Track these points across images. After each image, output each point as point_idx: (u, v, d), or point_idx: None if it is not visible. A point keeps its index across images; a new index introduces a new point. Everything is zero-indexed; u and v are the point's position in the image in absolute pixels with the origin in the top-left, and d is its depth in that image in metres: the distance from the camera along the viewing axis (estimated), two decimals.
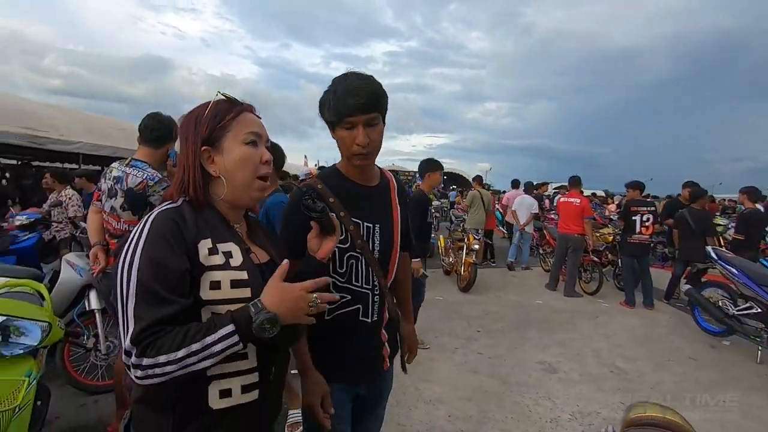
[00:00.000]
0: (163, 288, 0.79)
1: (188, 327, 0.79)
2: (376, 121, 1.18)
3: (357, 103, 1.14)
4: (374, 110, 1.17)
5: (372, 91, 1.16)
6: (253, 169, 0.94)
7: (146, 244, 0.81)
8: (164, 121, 2.22)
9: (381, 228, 1.32)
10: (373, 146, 1.21)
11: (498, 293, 6.19)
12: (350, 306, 1.30)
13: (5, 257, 3.71)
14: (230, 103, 0.96)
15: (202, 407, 0.86)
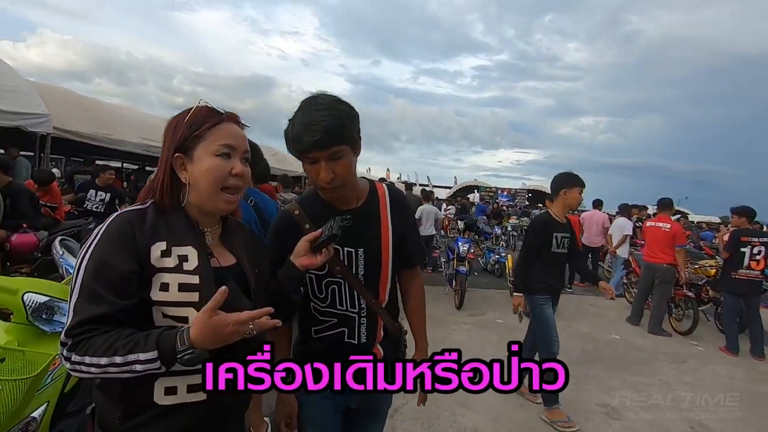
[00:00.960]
0: (103, 287, 0.83)
1: (120, 334, 0.81)
2: (338, 154, 1.13)
3: (312, 141, 1.09)
4: (335, 144, 1.11)
5: (328, 125, 1.09)
6: (218, 180, 0.95)
7: (97, 244, 0.86)
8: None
9: (365, 251, 1.28)
10: (340, 180, 1.16)
11: (567, 322, 5.66)
12: (335, 329, 1.30)
13: None
14: (210, 112, 0.97)
15: (148, 402, 0.89)
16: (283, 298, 1.10)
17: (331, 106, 1.12)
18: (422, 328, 1.51)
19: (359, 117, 1.18)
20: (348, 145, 1.14)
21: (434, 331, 4.79)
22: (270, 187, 3.60)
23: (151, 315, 0.89)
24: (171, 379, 0.89)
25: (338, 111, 1.11)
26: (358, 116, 1.17)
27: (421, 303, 1.52)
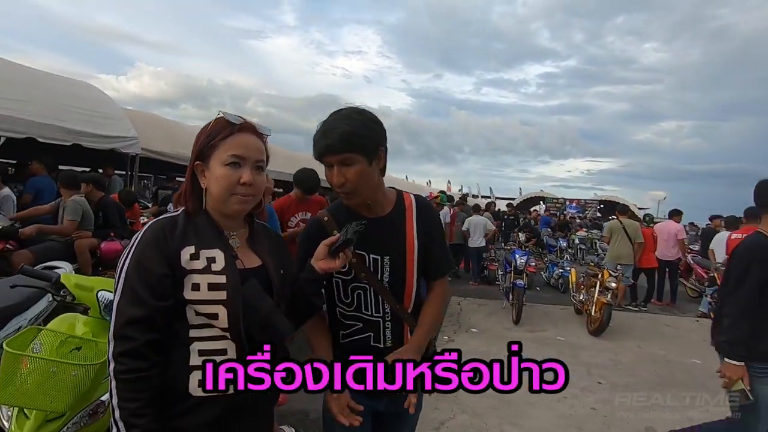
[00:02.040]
0: (142, 288, 0.93)
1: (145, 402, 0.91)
2: (350, 161, 1.17)
3: (326, 144, 1.16)
4: (346, 151, 1.15)
5: (344, 132, 1.14)
6: (228, 188, 1.01)
7: (135, 249, 0.96)
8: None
9: (391, 259, 1.30)
10: (351, 186, 1.19)
11: (638, 342, 5.20)
12: (361, 333, 1.33)
13: None
14: (225, 124, 1.03)
15: (183, 393, 0.96)
16: (303, 300, 1.15)
17: (350, 116, 1.18)
18: (427, 330, 1.37)
19: (382, 129, 1.23)
20: (361, 154, 1.17)
21: (488, 346, 4.67)
22: (320, 199, 3.77)
23: (185, 313, 0.98)
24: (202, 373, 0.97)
25: (355, 120, 1.17)
26: (380, 129, 1.22)
27: (436, 308, 1.43)
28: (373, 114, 1.23)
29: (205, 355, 0.98)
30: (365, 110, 1.22)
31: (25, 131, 4.79)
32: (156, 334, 0.95)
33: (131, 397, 0.90)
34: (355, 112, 1.20)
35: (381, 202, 1.33)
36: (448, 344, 4.69)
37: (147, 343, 0.93)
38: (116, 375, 0.91)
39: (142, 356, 0.92)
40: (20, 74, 5.61)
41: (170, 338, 0.97)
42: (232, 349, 1.00)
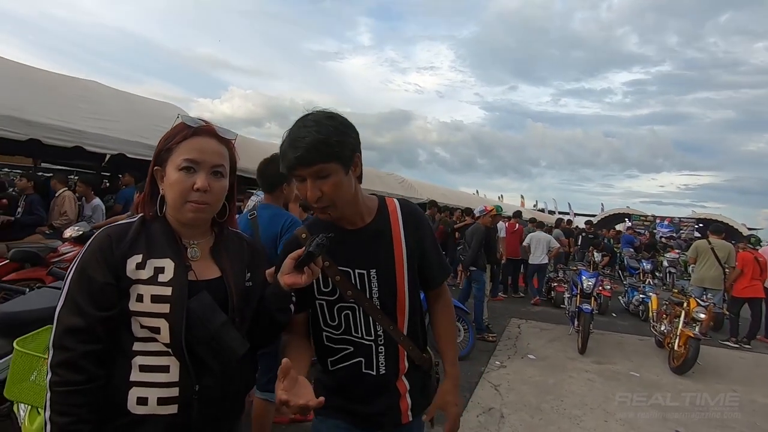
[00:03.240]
0: (83, 297, 0.90)
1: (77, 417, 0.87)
2: (324, 172, 1.05)
3: (296, 156, 1.04)
4: (319, 161, 1.04)
5: (314, 140, 1.02)
6: (181, 194, 0.96)
7: (82, 257, 0.93)
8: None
9: (378, 273, 1.18)
10: (329, 199, 1.08)
11: (734, 386, 4.41)
12: (351, 359, 1.22)
13: None
14: (183, 127, 0.99)
15: (123, 408, 0.91)
16: (267, 315, 1.08)
17: (319, 122, 1.06)
18: (451, 352, 1.34)
19: (355, 133, 1.12)
20: (337, 162, 1.06)
21: (546, 376, 4.26)
22: None
23: (130, 325, 0.93)
24: (143, 389, 0.92)
25: (325, 127, 1.05)
26: (354, 134, 1.11)
27: (448, 325, 1.38)
28: (344, 117, 1.12)
29: (146, 371, 0.92)
30: (335, 114, 1.11)
31: (118, 148, 5.40)
32: (95, 345, 0.90)
33: (64, 411, 0.87)
34: (325, 116, 1.08)
35: (361, 212, 1.21)
36: (499, 370, 4.37)
37: (85, 354, 0.89)
38: (51, 386, 0.88)
39: (79, 368, 0.88)
40: (118, 99, 6.41)
41: (114, 350, 0.93)
42: (175, 366, 0.94)
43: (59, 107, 4.97)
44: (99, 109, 5.83)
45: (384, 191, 12.98)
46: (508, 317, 6.66)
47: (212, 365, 0.96)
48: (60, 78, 6.57)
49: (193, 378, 0.95)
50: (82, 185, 5.69)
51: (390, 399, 1.24)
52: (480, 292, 5.36)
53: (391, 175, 15.22)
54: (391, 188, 13.65)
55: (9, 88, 5.14)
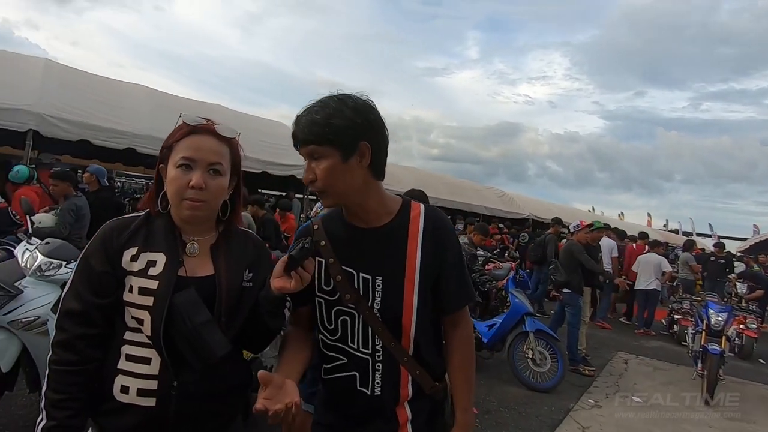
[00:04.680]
0: (83, 284, 0.95)
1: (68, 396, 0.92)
2: (317, 154, 1.00)
3: (292, 134, 1.01)
4: (313, 142, 0.98)
5: (311, 120, 0.98)
6: (178, 191, 0.97)
7: (87, 247, 0.99)
8: None
9: (384, 280, 1.07)
10: (321, 184, 1.01)
11: None
12: (344, 371, 1.11)
13: None
14: (183, 126, 1.01)
15: (110, 394, 0.95)
16: (257, 319, 1.04)
17: (326, 103, 1.00)
18: (464, 394, 1.15)
19: (367, 120, 1.02)
20: (330, 146, 0.98)
21: (651, 425, 3.64)
22: None
23: (124, 314, 0.97)
24: (126, 378, 0.95)
25: (328, 108, 0.98)
26: (363, 120, 1.01)
27: (463, 361, 1.16)
28: (363, 101, 1.02)
29: (130, 361, 0.95)
30: (351, 96, 1.02)
31: None
32: (91, 329, 0.95)
33: (56, 388, 0.92)
34: (336, 98, 1.01)
35: (375, 210, 1.10)
36: (591, 410, 3.80)
37: (80, 337, 0.93)
38: (49, 364, 0.95)
39: (73, 349, 0.93)
40: (235, 119, 7.35)
41: (110, 337, 0.99)
42: (156, 360, 0.95)
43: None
44: None
45: (481, 205, 12.56)
46: (615, 350, 5.80)
47: (192, 362, 0.95)
48: (191, 102, 7.73)
49: (171, 374, 0.95)
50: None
51: (386, 426, 1.10)
52: (574, 318, 4.76)
53: (490, 188, 14.65)
54: (489, 202, 13.14)
55: (152, 113, 6.22)
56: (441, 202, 11.21)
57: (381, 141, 1.05)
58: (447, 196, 11.62)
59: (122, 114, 5.91)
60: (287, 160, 7.34)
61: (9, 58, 5.91)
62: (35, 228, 2.83)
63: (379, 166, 1.06)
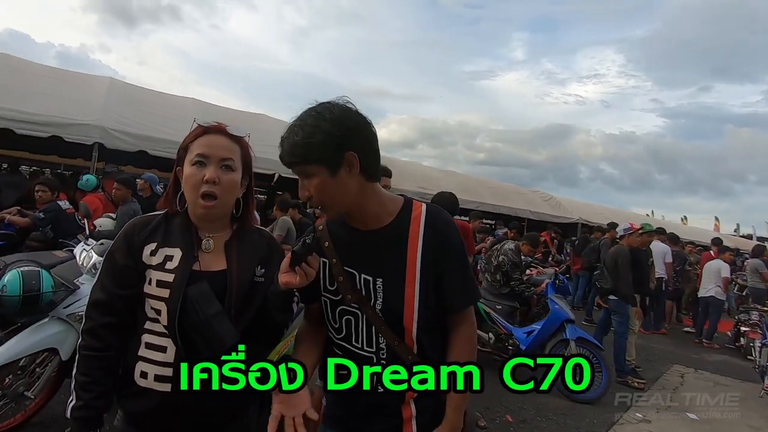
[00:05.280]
0: (108, 276, 1.04)
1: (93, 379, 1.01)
2: (307, 173, 1.02)
3: (281, 156, 1.03)
4: (298, 164, 1.01)
5: (292, 143, 0.99)
6: (194, 187, 1.03)
7: (114, 243, 1.09)
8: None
9: (384, 282, 1.08)
10: (317, 200, 1.04)
11: None
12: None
13: None
14: (198, 129, 1.09)
15: (131, 378, 1.03)
16: (265, 313, 1.10)
17: (304, 121, 1.00)
18: (458, 395, 1.12)
19: (347, 129, 1.01)
20: (316, 164, 1.00)
21: None
22: (462, 224, 3.56)
23: (144, 305, 1.04)
24: (146, 364, 1.02)
25: (307, 128, 0.99)
26: (343, 131, 1.00)
27: (463, 356, 1.13)
28: (340, 109, 1.02)
29: (149, 348, 1.03)
30: (328, 106, 1.03)
31: (280, 170, 6.34)
32: (114, 318, 1.03)
33: (84, 372, 1.01)
34: (314, 113, 1.01)
35: (374, 212, 1.11)
36: (639, 425, 3.57)
37: (105, 325, 1.02)
38: (78, 349, 1.04)
39: (99, 337, 1.02)
40: (280, 127, 7.62)
41: (133, 326, 1.06)
42: (171, 348, 1.02)
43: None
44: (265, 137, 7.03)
45: (526, 209, 12.15)
46: (671, 363, 5.41)
47: (203, 352, 1.01)
48: (237, 113, 8.14)
49: (185, 361, 1.01)
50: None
51: (389, 423, 1.11)
52: (622, 327, 4.50)
53: (536, 192, 14.15)
54: (535, 206, 12.69)
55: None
56: (483, 206, 10.98)
57: (366, 144, 1.04)
58: (490, 200, 11.36)
59: (176, 125, 6.32)
60: None
61: (79, 77, 6.56)
62: (95, 231, 3.11)
63: (371, 168, 1.06)
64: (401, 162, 12.14)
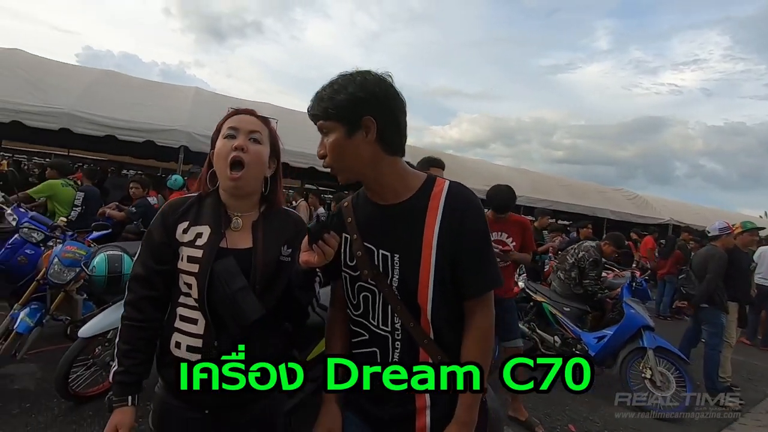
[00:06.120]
0: (146, 252, 1.13)
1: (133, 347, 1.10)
2: (325, 129, 1.04)
3: (308, 108, 1.06)
4: (321, 118, 1.03)
5: (319, 96, 1.03)
6: (224, 156, 1.10)
7: (152, 222, 1.17)
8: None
9: (401, 258, 1.06)
10: (330, 160, 1.05)
11: None
12: (367, 347, 1.13)
13: None
14: (230, 111, 1.18)
15: (167, 348, 1.11)
16: (290, 291, 1.13)
17: (334, 80, 1.04)
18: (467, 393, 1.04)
19: (370, 97, 1.01)
20: (333, 121, 1.02)
21: None
22: (520, 218, 3.37)
23: (178, 280, 1.12)
24: (179, 335, 1.10)
25: (336, 86, 1.02)
26: (367, 95, 1.01)
27: (475, 353, 1.06)
28: (374, 76, 1.03)
29: (183, 321, 1.10)
30: (360, 74, 1.03)
31: None
32: (153, 291, 1.11)
33: (124, 340, 1.10)
34: (349, 74, 1.04)
35: (392, 186, 1.09)
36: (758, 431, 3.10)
37: (144, 298, 1.11)
38: (121, 320, 1.13)
39: (139, 309, 1.10)
40: None
41: (170, 300, 1.15)
42: (201, 321, 1.08)
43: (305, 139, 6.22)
44: None
45: (606, 208, 11.21)
46: None
47: (229, 325, 1.07)
48: (306, 115, 8.51)
49: (213, 334, 1.08)
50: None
51: (401, 408, 1.08)
52: (714, 339, 3.96)
53: (619, 190, 13.01)
54: (616, 205, 11.68)
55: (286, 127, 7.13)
56: (556, 205, 10.35)
57: (389, 114, 1.03)
58: (565, 199, 10.67)
59: None
60: None
61: (170, 88, 7.35)
62: None
63: (391, 140, 1.05)
64: (469, 160, 11.91)
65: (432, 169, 3.03)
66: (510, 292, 3.22)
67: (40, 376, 2.86)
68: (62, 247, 2.79)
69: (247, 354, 1.09)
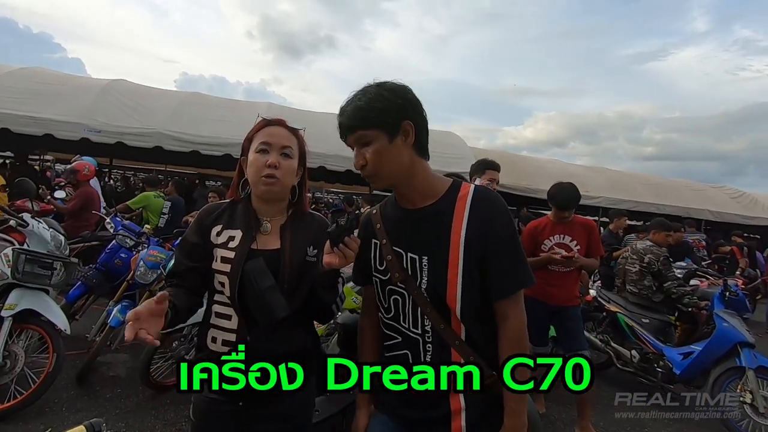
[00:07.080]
0: (182, 252, 1.23)
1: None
2: (365, 139, 1.06)
3: (340, 123, 1.10)
4: (360, 128, 1.06)
5: (355, 107, 1.05)
6: (258, 170, 1.17)
7: (190, 226, 1.27)
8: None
9: (429, 260, 1.08)
10: (372, 168, 1.07)
11: None
12: (399, 349, 1.16)
13: None
14: (261, 122, 1.25)
15: (204, 343, 1.19)
16: (315, 292, 1.19)
17: (366, 90, 1.08)
18: (515, 395, 1.04)
19: (406, 99, 1.07)
20: (376, 129, 1.05)
21: None
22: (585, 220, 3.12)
23: (213, 279, 1.20)
24: (215, 331, 1.18)
25: (369, 94, 1.06)
26: (401, 100, 1.06)
27: (516, 349, 1.05)
28: (399, 85, 1.08)
29: (218, 317, 1.18)
30: (387, 82, 1.09)
31: None
32: (185, 283, 1.21)
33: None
34: (374, 85, 1.08)
35: (421, 190, 1.12)
36: None
37: (179, 286, 1.20)
38: (165, 286, 1.26)
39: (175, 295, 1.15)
40: None
41: (201, 294, 1.24)
42: (234, 317, 1.16)
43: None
44: None
45: (703, 208, 9.99)
46: None
47: (259, 321, 1.15)
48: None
49: (245, 329, 1.16)
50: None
51: (436, 412, 1.08)
52: None
53: (720, 188, 11.56)
54: (716, 204, 10.36)
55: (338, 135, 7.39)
56: (640, 206, 9.46)
57: (421, 119, 1.09)
58: (648, 199, 9.70)
59: (317, 138, 7.16)
60: (458, 168, 7.50)
61: (245, 104, 7.98)
62: None
63: (423, 144, 1.10)
64: (542, 160, 11.33)
65: (487, 171, 2.95)
66: (575, 299, 3.00)
67: (130, 365, 3.25)
68: (146, 252, 3.15)
69: (275, 349, 1.16)
